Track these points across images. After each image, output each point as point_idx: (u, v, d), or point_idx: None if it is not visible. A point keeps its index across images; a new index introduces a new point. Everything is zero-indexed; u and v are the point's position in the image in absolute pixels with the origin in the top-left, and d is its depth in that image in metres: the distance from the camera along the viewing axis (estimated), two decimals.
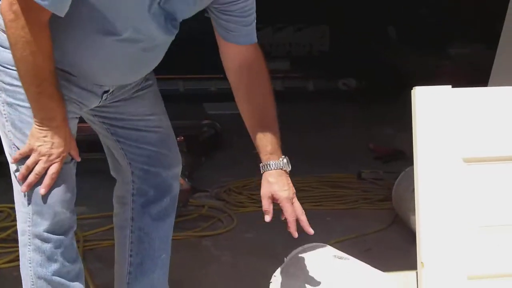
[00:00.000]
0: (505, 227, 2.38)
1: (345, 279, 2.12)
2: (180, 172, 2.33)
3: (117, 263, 2.34)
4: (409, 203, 2.58)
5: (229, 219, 3.83)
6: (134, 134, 2.20)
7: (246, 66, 2.08)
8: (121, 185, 2.30)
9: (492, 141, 2.36)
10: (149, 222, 2.26)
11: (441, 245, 2.35)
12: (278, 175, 2.04)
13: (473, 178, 2.35)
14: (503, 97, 2.38)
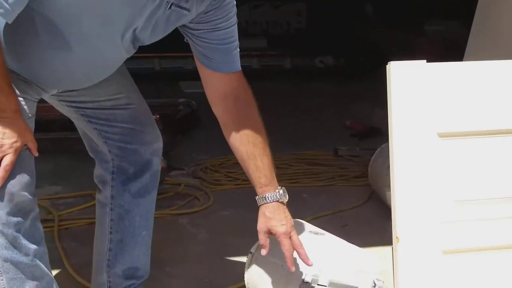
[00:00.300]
0: (479, 201, 2.40)
1: (321, 253, 2.12)
2: (161, 148, 2.31)
3: (97, 240, 2.33)
4: (384, 179, 2.58)
5: (205, 197, 3.82)
6: (104, 113, 2.17)
7: (231, 96, 2.03)
8: (100, 164, 2.27)
9: (467, 116, 2.37)
10: (130, 199, 2.25)
11: (416, 220, 2.37)
12: (275, 209, 2.03)
13: (448, 153, 2.36)
14: (478, 72, 2.38)
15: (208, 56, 2.00)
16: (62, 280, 2.66)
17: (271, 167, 2.07)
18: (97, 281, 2.31)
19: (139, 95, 2.25)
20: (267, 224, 2.04)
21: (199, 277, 2.74)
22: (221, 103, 2.05)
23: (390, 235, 2.41)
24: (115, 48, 1.95)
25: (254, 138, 2.05)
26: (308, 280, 2.05)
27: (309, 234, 2.26)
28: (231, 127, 2.05)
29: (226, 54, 2.02)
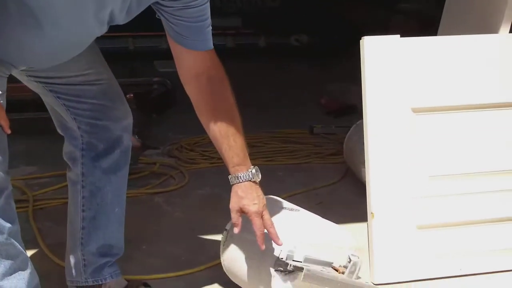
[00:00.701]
0: (453, 176, 2.43)
1: (297, 229, 2.13)
2: (131, 124, 2.29)
3: (70, 219, 2.31)
4: (359, 156, 2.59)
5: (181, 176, 3.80)
6: (73, 89, 2.15)
7: (204, 75, 2.01)
8: (69, 141, 2.25)
9: (441, 90, 2.38)
10: (101, 176, 2.23)
11: (390, 196, 2.39)
12: (248, 188, 2.03)
13: (422, 129, 2.38)
14: (451, 46, 2.40)
15: (181, 33, 1.99)
16: (38, 260, 2.64)
17: (243, 147, 2.07)
18: (72, 260, 2.30)
19: (109, 70, 2.24)
20: (239, 203, 2.04)
21: (175, 255, 2.74)
22: (194, 82, 2.03)
23: (365, 212, 2.43)
24: (87, 29, 1.92)
25: (227, 118, 2.04)
26: (283, 257, 2.06)
27: (284, 210, 2.26)
28: (204, 106, 2.05)
29: (198, 32, 2.00)
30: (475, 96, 2.40)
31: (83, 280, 2.29)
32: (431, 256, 2.43)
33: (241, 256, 2.22)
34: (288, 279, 2.07)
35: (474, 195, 2.43)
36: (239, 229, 2.05)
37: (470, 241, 2.45)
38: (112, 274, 2.30)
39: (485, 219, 2.45)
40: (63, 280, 2.34)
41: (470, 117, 2.41)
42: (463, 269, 2.44)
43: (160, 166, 3.96)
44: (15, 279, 1.93)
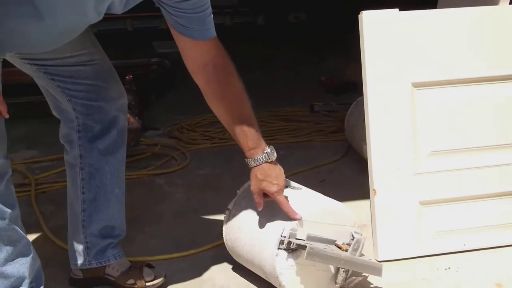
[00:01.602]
0: (455, 152, 2.41)
1: (299, 207, 2.12)
2: (126, 104, 2.28)
3: (70, 202, 2.31)
4: (361, 132, 2.58)
5: (182, 157, 3.80)
6: (67, 70, 2.14)
7: (211, 64, 2.02)
8: (65, 123, 2.25)
9: (441, 64, 2.36)
10: (98, 157, 2.23)
11: (392, 172, 2.37)
12: (266, 170, 2.08)
13: (422, 104, 2.36)
14: (451, 19, 2.37)
15: (183, 24, 1.99)
16: (40, 244, 2.65)
17: (257, 129, 2.09)
18: (74, 243, 2.30)
19: (102, 51, 2.23)
20: (260, 186, 2.09)
21: (178, 236, 2.74)
22: (201, 72, 2.04)
23: (368, 188, 2.42)
24: (85, 18, 1.93)
25: (237, 103, 2.07)
26: (286, 235, 2.05)
27: (287, 188, 2.26)
28: (213, 94, 2.06)
29: (201, 22, 2.00)
30: (475, 69, 2.38)
31: (86, 263, 2.29)
32: (434, 232, 2.42)
33: (243, 235, 2.22)
34: (291, 257, 2.07)
35: (476, 169, 2.42)
36: (261, 207, 2.12)
37: (473, 216, 2.44)
38: (115, 255, 2.31)
39: (488, 194, 2.44)
40: (66, 263, 2.34)
41: (471, 91, 2.39)
42: (467, 245, 2.43)
43: (161, 147, 3.96)
44: (17, 264, 1.94)
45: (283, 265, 2.07)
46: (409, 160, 2.38)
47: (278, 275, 2.07)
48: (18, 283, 1.95)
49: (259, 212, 2.19)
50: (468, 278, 2.26)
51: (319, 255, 2.03)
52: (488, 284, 2.21)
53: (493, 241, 2.45)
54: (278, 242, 2.07)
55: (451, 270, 2.33)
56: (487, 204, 2.45)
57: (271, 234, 2.09)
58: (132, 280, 2.27)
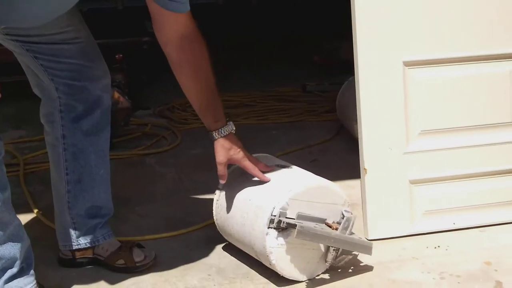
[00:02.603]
0: (446, 131, 2.41)
1: (289, 186, 2.11)
2: (110, 84, 2.26)
3: (54, 183, 2.29)
4: (352, 112, 2.57)
5: (173, 137, 3.79)
6: (51, 48, 2.11)
7: (186, 36, 2.02)
8: (46, 103, 2.22)
9: (432, 43, 2.35)
10: (82, 138, 2.21)
11: (383, 151, 2.37)
12: (231, 140, 2.15)
13: (413, 83, 2.35)
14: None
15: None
16: (30, 224, 2.65)
17: (221, 101, 2.16)
18: (62, 224, 2.29)
19: (87, 29, 2.20)
20: (227, 155, 2.15)
21: (168, 215, 2.73)
22: (177, 44, 2.03)
23: (359, 168, 2.42)
24: None
25: (207, 76, 2.10)
26: (276, 214, 2.05)
27: (277, 167, 2.25)
28: (187, 66, 2.07)
29: None
30: (467, 48, 2.37)
31: (75, 243, 2.28)
32: (424, 210, 2.42)
33: (234, 214, 2.21)
34: (281, 236, 2.07)
35: (467, 149, 2.41)
36: (225, 180, 2.19)
37: (463, 195, 2.44)
38: (104, 235, 2.30)
39: (478, 173, 2.44)
40: (55, 243, 2.34)
41: (463, 70, 2.38)
42: (457, 223, 2.44)
43: (152, 127, 3.95)
44: (9, 246, 1.94)
45: (273, 244, 2.07)
46: (400, 139, 2.37)
47: (268, 254, 2.07)
48: (9, 264, 1.95)
49: (250, 191, 2.18)
50: (458, 257, 2.27)
51: (309, 234, 2.03)
52: (477, 263, 2.22)
53: (483, 220, 2.45)
54: (268, 221, 2.06)
55: (441, 249, 2.33)
56: (477, 183, 2.45)
57: (261, 213, 2.09)
58: (122, 260, 2.26)
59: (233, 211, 2.22)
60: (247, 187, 2.20)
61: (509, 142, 2.43)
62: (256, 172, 2.17)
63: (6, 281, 1.94)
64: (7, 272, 1.94)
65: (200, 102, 2.13)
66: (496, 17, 2.37)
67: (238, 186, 2.23)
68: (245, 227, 2.16)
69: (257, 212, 2.11)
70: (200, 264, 2.31)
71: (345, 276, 2.17)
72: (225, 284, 2.17)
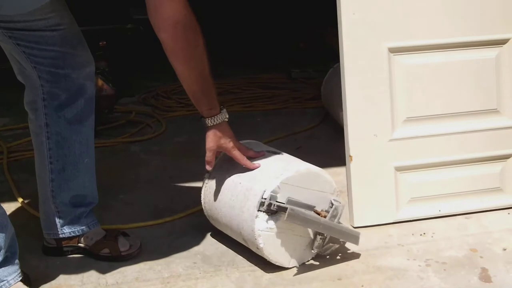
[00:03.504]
0: (431, 118, 2.41)
1: (281, 171, 2.11)
2: (93, 72, 2.23)
3: (38, 172, 2.27)
4: (337, 99, 2.56)
5: (158, 124, 3.77)
6: (34, 35, 2.08)
7: (181, 22, 1.98)
8: (30, 90, 2.19)
9: (417, 29, 2.34)
10: (66, 126, 2.18)
11: (368, 138, 2.37)
12: (223, 128, 2.15)
13: (398, 69, 2.34)
14: None
15: None
16: (14, 212, 2.63)
17: (215, 89, 2.14)
18: (46, 212, 2.27)
19: (70, 15, 2.17)
20: (217, 143, 2.15)
21: (153, 203, 2.72)
22: (172, 30, 1.99)
23: (344, 155, 2.42)
24: None
25: (202, 63, 2.06)
26: (266, 197, 2.04)
27: (268, 153, 2.25)
28: (181, 53, 2.03)
29: None
30: (452, 35, 2.36)
31: (60, 232, 2.26)
32: (409, 198, 2.43)
33: (223, 197, 2.20)
34: (271, 219, 2.07)
35: (452, 136, 2.42)
36: (212, 167, 2.20)
37: (448, 182, 2.44)
38: (89, 224, 2.28)
39: (463, 159, 2.44)
40: (39, 232, 2.32)
41: (448, 57, 2.37)
42: (442, 210, 2.44)
43: (136, 114, 3.93)
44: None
45: (262, 227, 2.06)
46: (385, 126, 2.37)
47: (256, 237, 2.06)
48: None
49: (240, 174, 2.18)
50: (443, 244, 2.27)
51: (299, 218, 2.03)
52: (462, 249, 2.22)
53: (468, 207, 2.46)
54: (258, 203, 2.06)
55: (426, 236, 2.33)
56: (462, 169, 2.45)
57: (252, 196, 2.08)
58: (107, 249, 2.25)
59: (222, 194, 2.21)
60: (237, 170, 2.19)
61: (494, 128, 2.44)
62: (245, 161, 2.17)
63: None
64: None
65: (194, 89, 2.10)
66: (481, 2, 2.36)
67: (228, 170, 2.22)
68: (234, 210, 2.15)
69: (247, 195, 2.10)
70: (185, 252, 2.30)
71: (330, 264, 2.16)
72: (210, 272, 2.16)
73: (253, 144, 2.32)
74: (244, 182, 2.15)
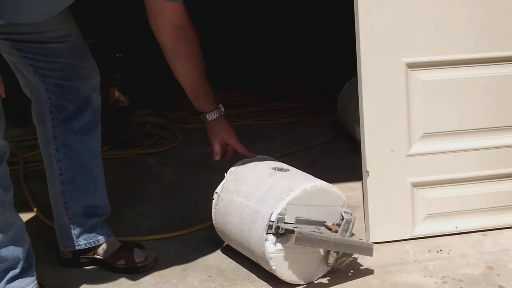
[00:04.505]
0: (448, 134, 2.40)
1: (288, 189, 2.10)
2: (99, 83, 2.24)
3: (50, 185, 2.27)
4: (353, 113, 2.56)
5: (172, 136, 3.78)
6: (42, 47, 2.09)
7: (182, 25, 2.10)
8: (36, 103, 2.20)
9: (436, 45, 2.34)
10: (74, 138, 2.19)
11: (385, 154, 2.36)
12: (223, 121, 2.35)
13: (416, 84, 2.34)
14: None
15: None
16: (29, 222, 2.63)
17: (211, 87, 2.29)
18: (60, 224, 2.27)
19: (76, 26, 2.20)
20: (221, 136, 2.35)
21: (168, 216, 2.72)
22: (174, 33, 2.10)
23: (360, 170, 2.41)
24: None
25: (199, 63, 2.21)
26: (274, 219, 2.04)
27: (275, 170, 2.23)
28: (182, 53, 2.16)
29: None
30: (471, 50, 2.35)
31: (76, 244, 2.26)
32: (426, 214, 2.41)
33: (232, 219, 2.20)
34: (280, 241, 2.06)
35: (469, 152, 2.41)
36: (219, 157, 2.39)
37: (465, 198, 2.43)
38: (104, 235, 2.29)
39: (481, 176, 2.43)
40: (55, 242, 2.32)
41: (466, 72, 2.36)
42: (459, 227, 2.43)
43: (151, 126, 3.93)
44: (12, 247, 1.93)
45: (272, 250, 2.06)
46: (402, 142, 2.36)
47: (268, 259, 2.06)
48: (12, 265, 1.94)
49: (247, 196, 2.17)
50: (460, 261, 2.26)
51: (308, 240, 2.02)
52: (479, 267, 2.21)
53: (485, 224, 2.44)
54: (266, 227, 2.05)
55: (443, 252, 2.32)
56: (479, 186, 2.44)
57: (260, 219, 2.08)
58: (123, 260, 2.25)
59: (231, 216, 2.21)
60: (244, 192, 2.18)
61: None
62: (245, 152, 2.37)
63: (8, 281, 1.94)
64: (10, 272, 1.94)
65: (195, 87, 2.24)
66: (501, 18, 2.35)
67: (235, 191, 2.22)
68: (243, 233, 2.15)
69: (255, 218, 2.10)
70: (200, 265, 2.30)
71: (346, 280, 2.16)
72: (226, 286, 2.16)
73: (261, 159, 2.32)
74: (251, 204, 2.14)
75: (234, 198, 2.21)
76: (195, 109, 4.05)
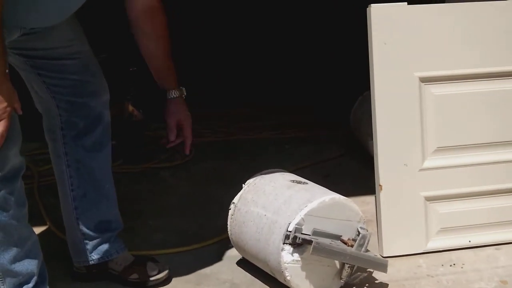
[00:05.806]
0: (462, 148, 2.40)
1: (305, 202, 2.10)
2: (108, 100, 2.26)
3: (62, 200, 2.28)
4: (367, 127, 2.56)
5: None
6: (55, 64, 2.11)
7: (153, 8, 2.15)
8: (48, 120, 2.22)
9: (449, 60, 2.34)
10: (85, 154, 2.20)
11: (398, 168, 2.36)
12: (183, 103, 2.34)
13: (429, 99, 2.34)
14: (460, 13, 2.35)
15: None
16: (43, 236, 2.64)
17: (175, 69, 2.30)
18: (73, 241, 2.28)
19: (87, 41, 2.22)
20: (179, 115, 2.34)
21: (182, 229, 2.73)
22: (145, 14, 2.14)
23: (373, 184, 2.41)
24: None
25: (167, 41, 2.23)
26: (291, 230, 2.04)
27: (293, 183, 2.24)
28: (153, 32, 2.17)
29: None
30: (484, 64, 2.36)
31: (89, 259, 2.27)
32: (439, 228, 2.41)
33: (248, 229, 2.20)
34: (296, 252, 2.06)
35: (483, 166, 2.40)
36: (173, 136, 2.39)
37: (478, 212, 2.42)
38: (117, 249, 2.29)
39: (494, 190, 2.42)
40: (68, 256, 2.33)
41: (480, 87, 2.37)
42: (472, 241, 2.42)
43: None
44: (26, 262, 1.95)
45: (288, 260, 2.06)
46: (415, 156, 2.36)
47: (283, 269, 2.06)
48: (26, 280, 1.95)
49: (265, 206, 2.18)
50: (473, 275, 2.25)
51: (325, 250, 2.02)
52: (493, 281, 2.20)
53: (498, 238, 2.43)
54: (283, 236, 2.05)
55: (456, 267, 2.31)
56: (493, 200, 2.43)
57: (277, 228, 2.08)
58: (136, 274, 2.26)
59: (248, 227, 2.21)
60: (262, 203, 2.19)
61: None
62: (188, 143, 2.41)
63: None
64: (24, 287, 1.94)
65: (166, 65, 2.25)
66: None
67: (253, 201, 2.23)
68: (259, 243, 2.15)
69: (272, 228, 2.10)
70: (213, 279, 2.30)
71: None
72: None
73: (278, 172, 2.33)
74: (269, 215, 2.15)
75: (252, 208, 2.22)
76: (207, 122, 4.14)
